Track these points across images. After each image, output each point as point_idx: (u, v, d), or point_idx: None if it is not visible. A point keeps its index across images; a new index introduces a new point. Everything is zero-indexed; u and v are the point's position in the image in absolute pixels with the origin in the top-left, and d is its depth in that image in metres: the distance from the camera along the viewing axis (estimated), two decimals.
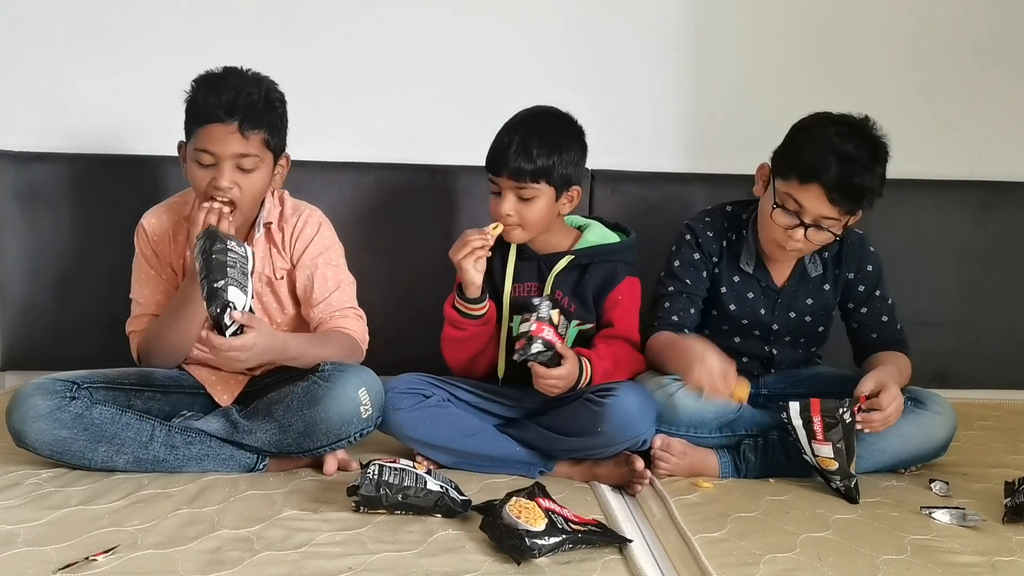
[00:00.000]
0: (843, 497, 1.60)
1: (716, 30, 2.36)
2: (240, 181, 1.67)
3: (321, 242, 1.81)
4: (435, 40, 2.30)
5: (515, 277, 1.82)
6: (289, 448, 1.65)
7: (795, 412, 1.59)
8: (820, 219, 1.69)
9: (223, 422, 1.68)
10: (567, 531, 1.34)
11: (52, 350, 2.23)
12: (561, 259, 1.80)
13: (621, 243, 1.84)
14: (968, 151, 2.44)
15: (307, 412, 1.61)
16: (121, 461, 1.61)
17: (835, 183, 1.64)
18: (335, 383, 1.62)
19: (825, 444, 1.57)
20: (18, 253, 2.21)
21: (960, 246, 2.37)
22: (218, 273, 1.49)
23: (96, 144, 2.24)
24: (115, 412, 1.61)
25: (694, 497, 1.60)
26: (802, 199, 1.68)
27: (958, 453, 1.83)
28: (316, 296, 1.78)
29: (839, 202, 1.66)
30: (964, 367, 2.38)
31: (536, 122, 1.75)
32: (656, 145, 2.37)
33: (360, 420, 1.63)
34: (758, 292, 1.85)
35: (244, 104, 1.65)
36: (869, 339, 1.88)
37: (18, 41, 2.22)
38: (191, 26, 2.24)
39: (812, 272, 1.85)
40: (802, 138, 1.72)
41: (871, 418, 1.60)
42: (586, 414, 1.63)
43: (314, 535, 1.38)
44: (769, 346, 1.89)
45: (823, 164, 1.64)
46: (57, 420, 1.57)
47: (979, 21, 2.39)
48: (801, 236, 1.70)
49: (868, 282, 1.87)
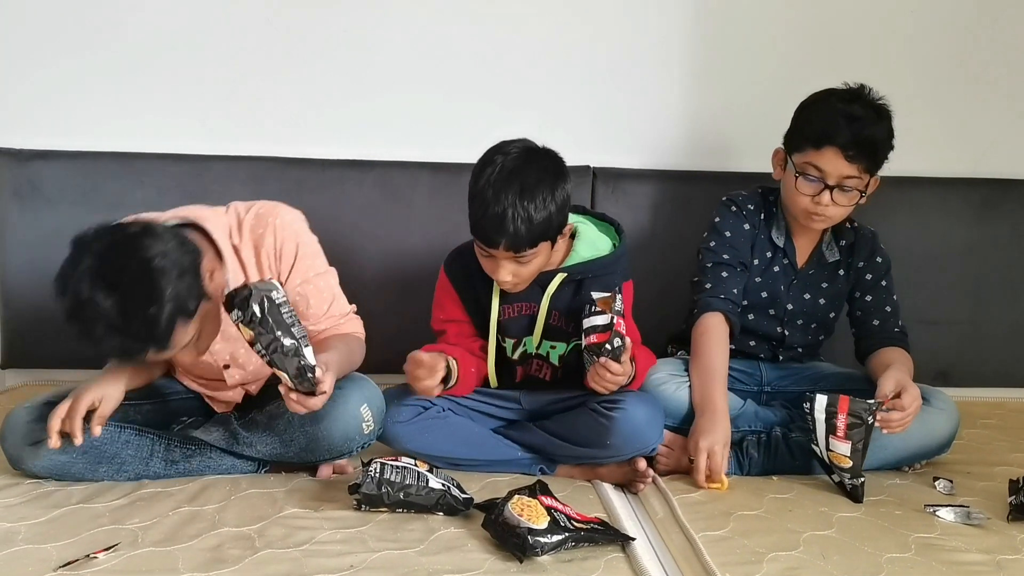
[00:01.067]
0: (847, 495, 1.60)
1: (718, 29, 2.35)
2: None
3: (305, 253, 1.68)
4: (436, 37, 2.29)
5: (504, 299, 1.73)
6: (290, 460, 1.64)
7: (821, 405, 1.59)
8: (842, 180, 1.74)
9: (222, 432, 1.65)
10: (570, 529, 1.33)
11: (52, 348, 2.20)
12: (554, 278, 1.69)
13: (614, 255, 1.73)
14: (971, 148, 2.43)
15: (309, 429, 1.60)
16: (123, 478, 1.59)
17: (849, 141, 1.71)
18: (337, 401, 1.56)
19: (845, 442, 1.57)
20: (19, 251, 2.20)
21: (963, 244, 2.36)
22: (286, 340, 1.39)
23: (97, 142, 2.23)
24: (113, 430, 1.57)
25: (697, 495, 1.59)
26: (821, 163, 1.73)
27: (962, 451, 1.83)
28: (315, 311, 1.70)
29: (856, 158, 1.72)
30: (967, 365, 2.37)
31: (523, 179, 1.56)
32: (657, 143, 2.37)
33: (362, 436, 1.62)
34: (780, 268, 1.89)
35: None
36: (871, 327, 1.88)
37: (19, 39, 2.22)
38: (194, 25, 2.23)
39: (829, 258, 1.90)
40: (809, 111, 1.80)
41: (890, 418, 1.60)
42: (594, 426, 1.62)
43: (315, 533, 1.37)
44: (782, 327, 1.90)
45: (834, 126, 1.72)
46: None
47: (982, 19, 2.39)
48: (828, 200, 1.75)
49: (876, 272, 1.90)
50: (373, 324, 1.83)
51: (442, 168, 2.26)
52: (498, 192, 1.56)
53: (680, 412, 1.72)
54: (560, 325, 1.72)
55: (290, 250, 1.65)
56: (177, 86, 2.23)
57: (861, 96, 1.76)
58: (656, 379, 1.74)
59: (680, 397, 1.72)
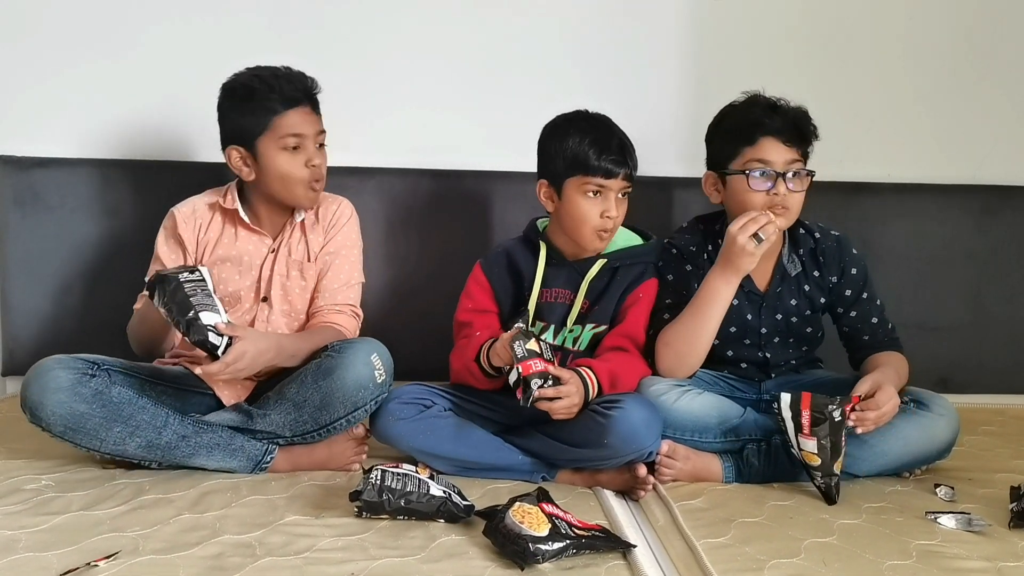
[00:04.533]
0: (822, 495, 1.61)
1: (719, 36, 2.35)
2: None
3: (349, 235, 1.90)
4: (437, 45, 2.29)
5: (545, 282, 1.82)
6: (305, 426, 1.67)
7: (785, 404, 1.61)
8: (788, 165, 1.75)
9: (236, 413, 1.71)
10: (571, 536, 1.33)
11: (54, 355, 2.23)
12: (594, 264, 1.80)
13: (649, 245, 1.87)
14: (971, 155, 2.43)
15: (322, 383, 1.64)
16: (133, 445, 1.61)
17: (780, 126, 1.75)
18: (347, 353, 1.67)
19: (810, 439, 1.58)
20: (20, 258, 2.21)
21: (963, 250, 2.36)
22: (184, 309, 1.56)
23: (98, 150, 2.24)
24: (132, 395, 1.63)
25: (698, 502, 1.59)
26: (762, 155, 1.75)
27: (962, 458, 1.82)
28: (325, 284, 1.85)
29: (792, 141, 1.75)
30: (967, 372, 2.37)
31: (613, 125, 1.79)
32: (660, 151, 2.36)
33: (375, 385, 1.66)
34: (743, 298, 1.85)
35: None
36: (861, 341, 1.88)
37: (20, 47, 2.22)
38: (198, 33, 2.24)
39: (792, 271, 1.87)
40: (727, 121, 1.84)
41: (865, 416, 1.61)
42: (592, 426, 1.62)
43: (316, 541, 1.37)
44: (761, 351, 1.88)
45: (757, 118, 1.76)
46: (77, 394, 1.57)
47: (981, 24, 2.39)
48: (784, 188, 1.75)
49: (854, 285, 1.88)
50: (376, 331, 1.84)
51: (442, 175, 2.26)
52: (602, 127, 1.76)
53: (682, 423, 1.71)
54: (582, 309, 1.81)
55: (340, 223, 1.89)
56: (177, 94, 2.24)
57: (762, 96, 1.81)
58: (656, 390, 1.73)
59: (681, 408, 1.71)
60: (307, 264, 1.85)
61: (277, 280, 1.84)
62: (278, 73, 1.77)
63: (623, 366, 1.73)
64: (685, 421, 1.71)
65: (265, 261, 1.84)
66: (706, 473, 1.71)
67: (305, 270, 1.85)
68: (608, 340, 1.79)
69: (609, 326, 1.81)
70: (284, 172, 1.77)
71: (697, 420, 1.72)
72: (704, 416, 1.72)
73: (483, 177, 2.24)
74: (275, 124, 1.75)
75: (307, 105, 1.78)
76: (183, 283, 1.58)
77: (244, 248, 1.84)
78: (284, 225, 1.86)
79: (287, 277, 1.85)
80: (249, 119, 1.75)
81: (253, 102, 1.74)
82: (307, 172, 1.78)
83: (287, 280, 1.85)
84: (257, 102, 1.74)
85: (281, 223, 1.86)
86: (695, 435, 1.72)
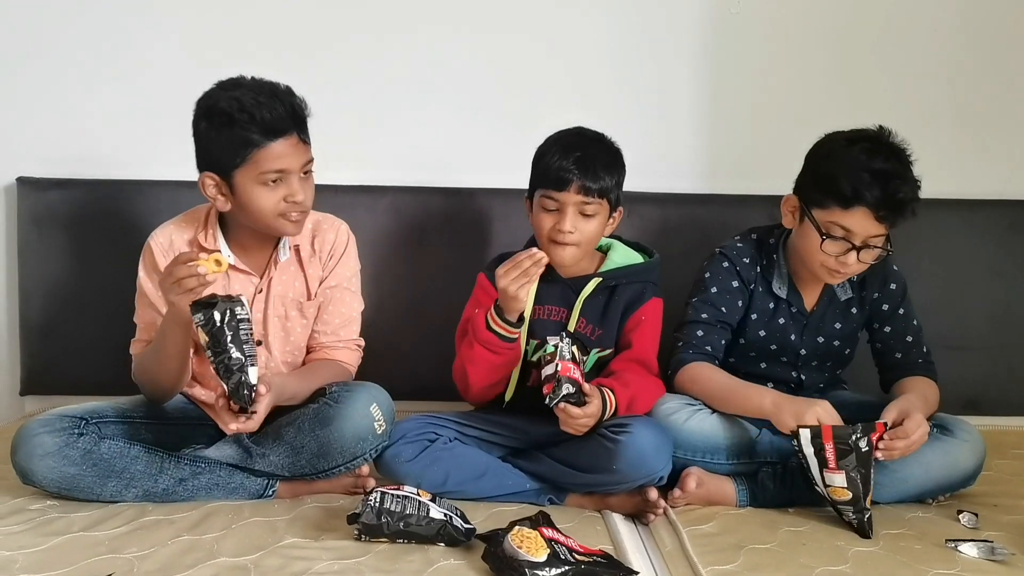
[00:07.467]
0: (855, 531, 1.54)
1: (735, 49, 2.32)
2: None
3: (348, 263, 1.80)
4: (449, 64, 2.29)
5: (537, 299, 1.77)
6: (304, 471, 1.63)
7: (806, 439, 1.54)
8: (869, 239, 1.66)
9: (235, 448, 1.66)
10: (570, 562, 1.30)
11: (72, 375, 2.24)
12: (588, 282, 1.75)
13: (648, 263, 1.81)
14: (998, 169, 2.37)
15: (319, 433, 1.59)
16: (130, 495, 1.59)
17: (881, 202, 1.62)
18: (345, 402, 1.61)
19: (838, 473, 1.51)
20: (38, 278, 2.23)
21: (990, 267, 2.29)
22: (234, 353, 1.44)
23: (114, 171, 2.25)
24: (123, 446, 1.59)
25: (708, 527, 1.55)
26: (849, 224, 1.65)
27: (989, 483, 1.75)
28: (326, 319, 1.78)
29: (887, 219, 1.64)
30: (996, 393, 2.29)
31: (590, 141, 1.74)
32: (674, 166, 2.33)
33: (375, 436, 1.61)
34: (788, 317, 1.82)
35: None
36: (893, 359, 1.83)
37: (37, 70, 2.25)
38: (206, 52, 2.25)
39: (842, 296, 1.82)
40: (829, 164, 1.69)
41: (893, 446, 1.55)
42: (600, 451, 1.59)
43: (312, 564, 1.35)
44: (797, 371, 1.84)
45: (863, 186, 1.61)
46: (65, 457, 1.54)
47: (1011, 37, 2.33)
48: (854, 260, 1.67)
49: (891, 300, 1.83)
50: (384, 349, 1.83)
51: (455, 193, 2.25)
52: (571, 145, 1.71)
53: (692, 443, 1.67)
54: (586, 334, 1.74)
55: (339, 253, 1.78)
56: (191, 115, 2.25)
57: (883, 144, 1.66)
58: (665, 409, 1.69)
59: (691, 428, 1.67)
60: (307, 303, 1.76)
61: (276, 322, 1.74)
62: (260, 96, 1.56)
63: (643, 392, 1.69)
64: (695, 442, 1.67)
65: (254, 302, 1.71)
66: (720, 497, 1.67)
67: (305, 309, 1.76)
68: (616, 365, 1.74)
69: (615, 350, 1.77)
70: (260, 208, 1.60)
71: (707, 441, 1.68)
72: (715, 437, 1.68)
73: (494, 194, 2.23)
74: (255, 158, 1.56)
75: (293, 134, 1.59)
76: (239, 320, 1.45)
77: (232, 290, 1.68)
78: (268, 262, 1.73)
79: (286, 318, 1.75)
80: (227, 149, 1.57)
81: (231, 131, 1.55)
82: (285, 206, 1.61)
83: (287, 321, 1.75)
84: (236, 131, 1.55)
85: (266, 258, 1.73)
86: (705, 456, 1.68)
